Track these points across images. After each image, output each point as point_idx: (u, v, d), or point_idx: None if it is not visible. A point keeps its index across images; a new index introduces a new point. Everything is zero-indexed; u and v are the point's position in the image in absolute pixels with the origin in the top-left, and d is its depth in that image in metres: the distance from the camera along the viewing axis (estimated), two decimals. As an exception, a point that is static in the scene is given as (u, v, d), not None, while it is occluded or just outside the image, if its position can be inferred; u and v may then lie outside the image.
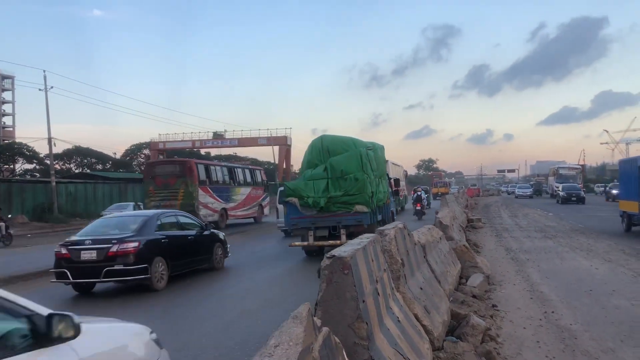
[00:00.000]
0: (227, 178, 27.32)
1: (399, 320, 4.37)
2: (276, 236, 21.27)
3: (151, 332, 3.72)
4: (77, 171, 61.57)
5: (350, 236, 11.94)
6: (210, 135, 68.54)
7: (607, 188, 52.66)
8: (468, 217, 23.61)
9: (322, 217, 13.65)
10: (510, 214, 31.34)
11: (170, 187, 23.68)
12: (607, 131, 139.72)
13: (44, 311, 2.78)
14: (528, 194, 61.78)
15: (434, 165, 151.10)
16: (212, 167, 26.59)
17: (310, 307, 2.53)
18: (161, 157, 69.21)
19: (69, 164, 66.13)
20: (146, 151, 74.27)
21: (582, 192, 45.18)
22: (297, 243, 14.05)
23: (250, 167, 32.81)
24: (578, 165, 68.43)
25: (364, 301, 3.39)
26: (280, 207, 18.31)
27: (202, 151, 73.76)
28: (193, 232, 12.28)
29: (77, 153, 64.47)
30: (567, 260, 12.43)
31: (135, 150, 76.85)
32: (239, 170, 29.27)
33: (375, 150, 15.82)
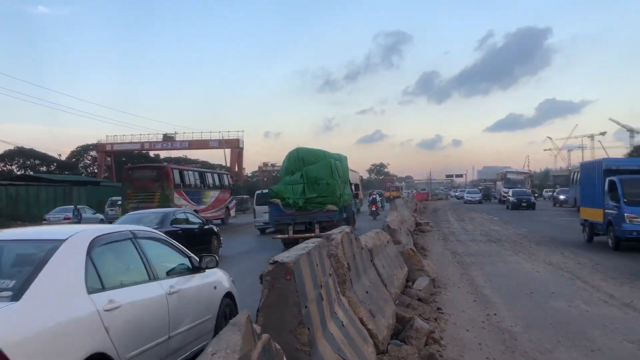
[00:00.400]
0: (198, 182, 29.52)
1: (343, 325, 4.39)
2: (252, 233, 24.35)
3: (230, 277, 6.60)
4: (19, 173, 59.26)
5: (323, 230, 14.80)
6: (160, 137, 67.38)
7: (555, 193, 52.35)
8: (416, 221, 24.00)
9: (300, 215, 16.67)
10: (457, 218, 32.05)
11: (148, 191, 25.32)
12: (550, 138, 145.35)
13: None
14: (477, 199, 60.61)
15: (385, 170, 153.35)
16: (185, 172, 28.87)
17: (249, 315, 2.51)
18: (108, 159, 67.62)
19: (11, 165, 63.70)
20: (93, 153, 72.35)
21: (533, 198, 44.39)
22: (279, 236, 16.99)
23: (218, 172, 36.03)
24: (526, 170, 67.61)
25: (306, 306, 3.39)
26: (258, 208, 23.47)
27: (152, 153, 72.41)
28: (197, 226, 15.03)
29: (20, 154, 62.20)
30: (510, 263, 12.81)
31: (81, 151, 74.77)
32: (209, 174, 31.79)
33: (341, 160, 19.18)
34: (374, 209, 30.60)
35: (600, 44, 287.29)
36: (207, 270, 5.81)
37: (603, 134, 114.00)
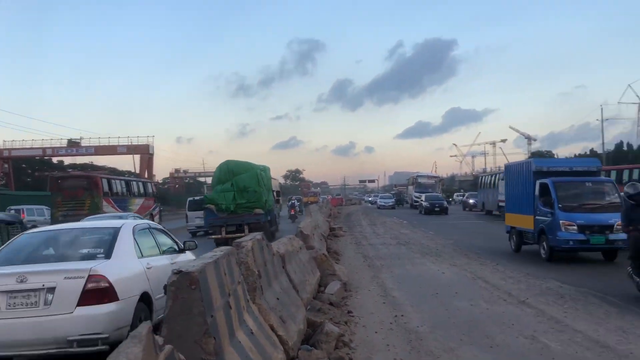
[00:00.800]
0: (125, 190, 31.05)
1: (252, 333, 4.39)
2: (185, 236, 24.97)
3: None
4: None
5: (252, 230, 16.57)
6: (65, 143, 63.95)
7: (465, 197, 52.80)
8: (330, 226, 24.35)
9: (231, 218, 19.30)
10: (369, 223, 32.80)
11: (78, 199, 26.57)
12: (455, 145, 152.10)
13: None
14: (390, 204, 58.20)
15: (301, 176, 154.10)
16: (113, 181, 30.53)
17: (150, 326, 2.46)
18: (6, 165, 63.43)
19: None
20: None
21: (445, 202, 44.14)
22: (213, 236, 19.17)
23: (143, 180, 38.20)
24: (436, 174, 65.95)
25: (212, 316, 3.36)
26: (190, 213, 26.02)
27: (55, 159, 68.62)
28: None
29: None
30: (417, 265, 13.29)
31: (-26, 158, 69.41)
32: (134, 183, 33.60)
33: (265, 171, 22.28)
34: (292, 212, 33.66)
35: (501, 56, 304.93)
36: (187, 251, 8.33)
37: (504, 141, 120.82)
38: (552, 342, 6.40)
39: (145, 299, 6.31)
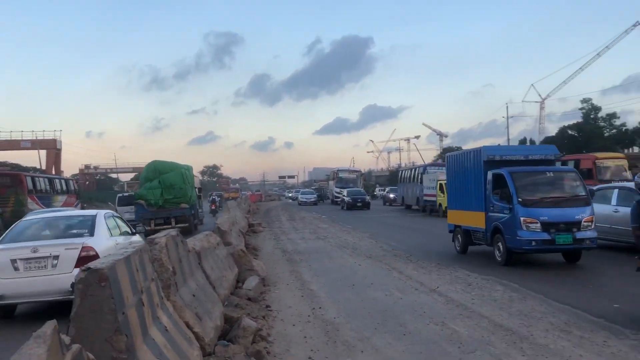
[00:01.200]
0: (48, 187, 31.34)
1: (166, 330, 4.31)
2: None
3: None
4: None
5: (178, 222, 21.07)
6: (-40, 138, 59.50)
7: (385, 192, 52.99)
8: (249, 222, 24.22)
9: (159, 212, 21.62)
10: (288, 218, 32.92)
11: (2, 196, 26.51)
12: (372, 141, 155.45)
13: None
14: (312, 200, 55.17)
15: (219, 172, 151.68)
16: (37, 179, 30.83)
17: (56, 325, 2.37)
18: None
19: None
20: None
21: (367, 197, 43.19)
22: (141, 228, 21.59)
23: (65, 178, 38.98)
24: (357, 168, 61.76)
25: (124, 313, 3.28)
26: (120, 208, 25.96)
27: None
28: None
29: None
30: (335, 258, 13.52)
31: None
32: (57, 180, 34.16)
33: (189, 170, 24.52)
34: (213, 207, 34.90)
35: (415, 55, 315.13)
36: (137, 234, 10.51)
37: (417, 137, 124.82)
38: (461, 327, 6.74)
39: None
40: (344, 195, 42.97)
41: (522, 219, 10.95)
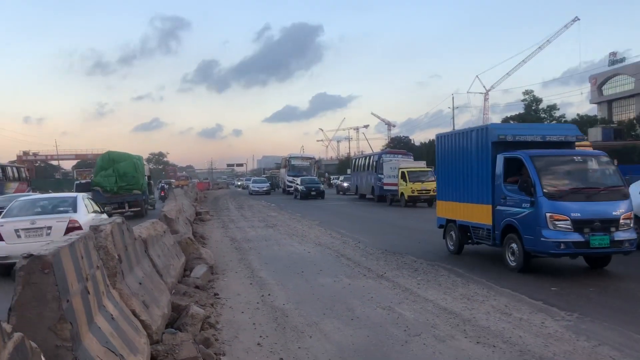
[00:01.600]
0: (1, 175, 31.66)
1: (113, 318, 4.24)
2: None
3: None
4: None
5: (131, 207, 24.19)
6: None
7: (339, 181, 51.70)
8: (197, 210, 23.92)
9: (115, 197, 23.85)
10: (237, 206, 32.69)
11: None
12: (322, 130, 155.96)
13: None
14: (265, 189, 50.70)
15: (165, 159, 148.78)
16: None
17: (-4, 313, 2.30)
18: None
19: None
20: None
21: (322, 186, 41.83)
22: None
23: (16, 165, 40.34)
24: (311, 155, 55.47)
25: (68, 300, 3.20)
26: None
27: None
28: None
29: None
30: (284, 246, 13.54)
31: None
32: (8, 168, 34.65)
33: (140, 159, 26.84)
34: (163, 194, 36.98)
35: (364, 44, 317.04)
36: (104, 214, 12.29)
37: (366, 126, 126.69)
38: (407, 311, 6.91)
39: None
40: (297, 184, 41.06)
41: (548, 215, 8.83)
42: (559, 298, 7.49)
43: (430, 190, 26.71)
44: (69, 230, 9.56)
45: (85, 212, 11.31)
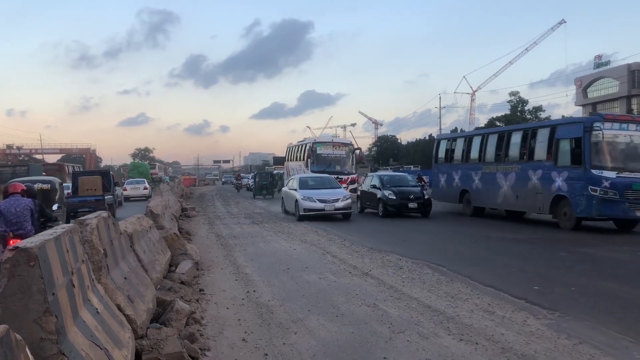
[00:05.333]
0: None
1: (98, 312, 4.23)
2: None
3: None
4: None
5: None
6: None
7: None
8: (182, 206, 23.83)
9: None
10: (223, 203, 32.61)
11: None
12: (309, 127, 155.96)
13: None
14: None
15: (151, 155, 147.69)
16: None
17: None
18: None
19: None
20: None
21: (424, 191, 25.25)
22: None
23: None
24: (347, 140, 36.91)
25: (54, 294, 3.20)
26: None
27: None
28: None
29: None
30: (270, 243, 13.55)
31: None
32: None
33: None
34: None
35: (354, 43, 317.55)
36: None
37: (354, 125, 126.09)
38: (391, 308, 6.96)
39: None
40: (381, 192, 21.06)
41: None
42: (541, 297, 7.58)
43: None
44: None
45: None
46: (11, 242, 7.88)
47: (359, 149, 33.82)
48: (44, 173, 30.47)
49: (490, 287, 8.21)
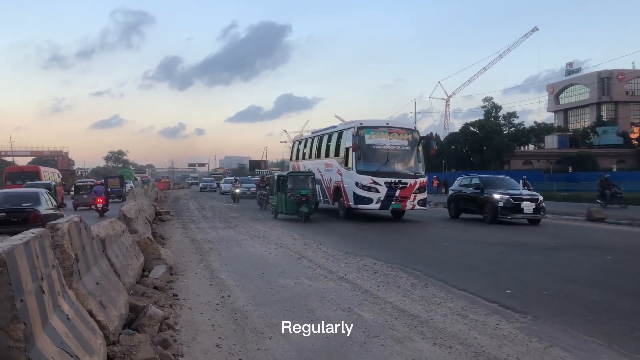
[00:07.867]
0: None
1: (68, 318, 4.16)
2: None
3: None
4: None
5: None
6: None
7: None
8: (156, 210, 23.59)
9: None
10: (198, 206, 32.35)
11: None
12: (285, 131, 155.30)
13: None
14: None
15: (125, 157, 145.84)
16: None
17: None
18: None
19: None
20: None
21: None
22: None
23: None
24: (411, 125, 22.55)
25: (22, 300, 3.13)
26: None
27: None
28: None
29: None
30: (245, 247, 13.48)
31: None
32: None
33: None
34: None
35: (331, 46, 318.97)
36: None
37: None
38: (366, 312, 6.98)
39: None
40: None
41: None
42: (514, 300, 7.69)
43: None
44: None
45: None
46: None
47: (431, 137, 22.85)
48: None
49: (464, 291, 8.29)
